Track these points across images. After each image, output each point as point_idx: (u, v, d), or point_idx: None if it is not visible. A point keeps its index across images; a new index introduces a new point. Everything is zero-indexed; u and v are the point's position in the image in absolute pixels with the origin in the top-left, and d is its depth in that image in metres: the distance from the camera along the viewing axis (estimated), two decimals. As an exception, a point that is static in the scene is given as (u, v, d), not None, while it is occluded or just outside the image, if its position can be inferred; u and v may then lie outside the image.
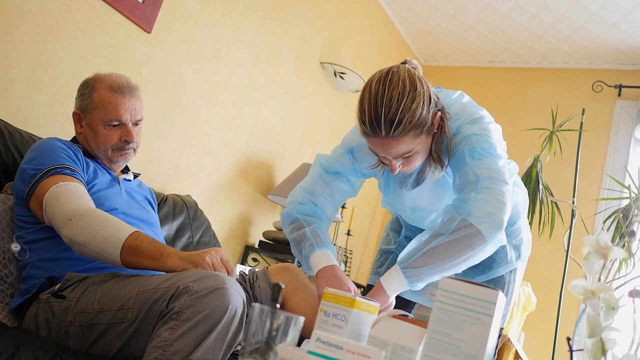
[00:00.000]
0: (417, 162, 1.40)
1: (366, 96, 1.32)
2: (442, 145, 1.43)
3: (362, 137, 1.40)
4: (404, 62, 1.39)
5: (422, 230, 1.74)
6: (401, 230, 1.82)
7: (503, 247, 1.62)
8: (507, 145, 1.50)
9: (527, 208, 1.73)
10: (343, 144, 1.61)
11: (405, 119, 1.28)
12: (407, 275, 1.34)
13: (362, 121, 1.32)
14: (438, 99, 1.39)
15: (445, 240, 1.32)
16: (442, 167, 1.43)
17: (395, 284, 1.37)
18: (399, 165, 1.38)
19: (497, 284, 1.60)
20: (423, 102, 1.30)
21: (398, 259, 1.41)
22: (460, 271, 1.36)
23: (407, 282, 1.35)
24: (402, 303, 1.70)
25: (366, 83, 1.35)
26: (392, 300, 1.41)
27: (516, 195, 1.62)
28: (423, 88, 1.32)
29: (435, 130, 1.39)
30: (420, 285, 1.36)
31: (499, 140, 1.45)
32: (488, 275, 1.63)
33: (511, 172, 1.51)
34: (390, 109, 1.27)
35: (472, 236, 1.30)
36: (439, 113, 1.37)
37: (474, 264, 1.35)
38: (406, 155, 1.36)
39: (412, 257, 1.35)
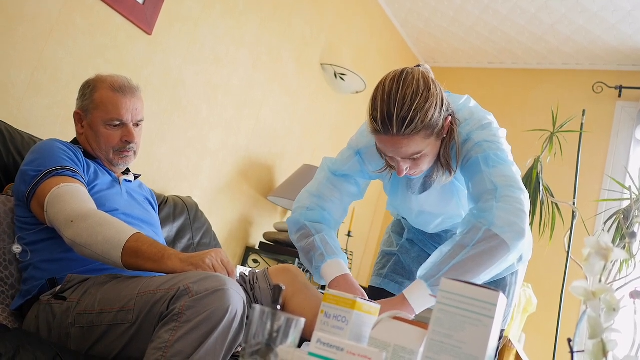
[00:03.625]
0: (425, 165, 1.40)
1: (379, 93, 1.31)
2: (451, 151, 1.42)
3: (370, 137, 1.39)
4: (418, 66, 1.40)
5: (425, 233, 1.74)
6: (403, 233, 1.82)
7: None
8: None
9: (528, 210, 1.73)
10: (350, 146, 1.60)
11: (417, 118, 1.27)
12: (436, 292, 1.30)
13: (373, 118, 1.31)
14: (449, 104, 1.39)
15: (471, 252, 1.28)
16: (450, 172, 1.42)
17: (422, 299, 1.32)
18: (406, 168, 1.37)
19: (499, 285, 1.60)
20: (436, 104, 1.30)
21: (420, 274, 1.36)
22: (482, 282, 1.33)
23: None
24: None
25: (379, 82, 1.34)
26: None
27: None
28: (437, 90, 1.32)
29: (445, 135, 1.39)
30: None
31: (507, 146, 1.45)
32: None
33: None
34: (404, 106, 1.27)
35: (497, 247, 1.28)
36: (450, 117, 1.38)
37: (497, 272, 1.33)
38: (414, 157, 1.35)
39: (438, 272, 1.31)
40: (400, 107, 1.27)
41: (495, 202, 1.30)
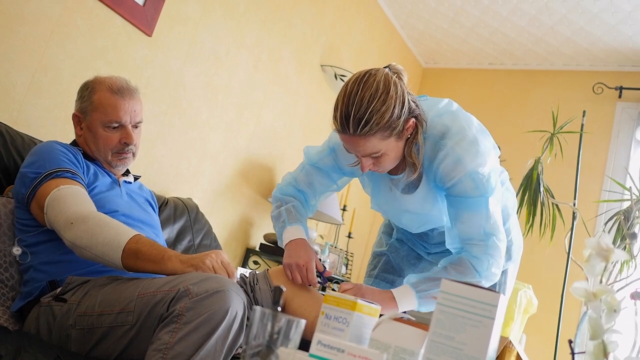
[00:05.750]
0: (387, 163, 1.44)
1: (342, 94, 1.37)
2: (417, 152, 1.45)
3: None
4: (387, 67, 1.42)
5: (412, 233, 1.75)
6: (392, 233, 1.86)
7: None
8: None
9: (516, 209, 1.77)
10: (329, 140, 1.65)
11: (372, 120, 1.32)
12: (421, 297, 1.47)
13: (334, 117, 1.38)
14: (417, 106, 1.41)
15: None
16: (415, 170, 1.47)
17: (408, 301, 1.46)
18: (369, 165, 1.42)
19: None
20: (394, 106, 1.34)
21: (410, 281, 1.49)
22: None
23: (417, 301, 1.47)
24: None
25: (345, 82, 1.39)
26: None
27: (506, 199, 1.67)
28: (397, 93, 1.35)
29: (409, 136, 1.43)
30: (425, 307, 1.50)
31: (495, 166, 1.49)
32: None
33: (503, 180, 1.62)
34: (360, 108, 1.32)
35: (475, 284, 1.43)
36: (413, 120, 1.39)
37: None
38: (374, 155, 1.40)
39: (425, 287, 1.47)
40: (357, 108, 1.32)
41: (487, 255, 1.43)
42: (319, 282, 1.55)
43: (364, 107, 1.32)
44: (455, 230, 1.49)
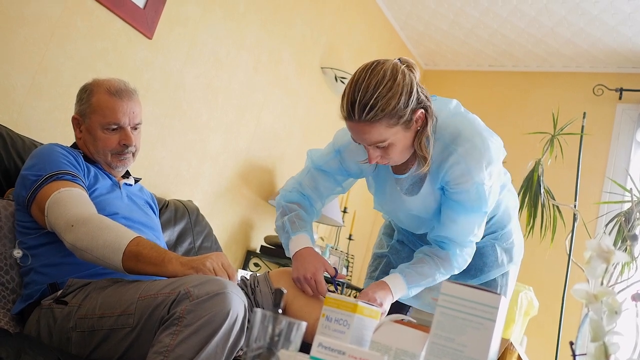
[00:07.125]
0: (395, 155, 1.43)
1: (349, 82, 1.38)
2: (427, 146, 1.45)
3: (348, 133, 1.46)
4: (398, 59, 1.42)
5: (414, 234, 1.75)
6: (393, 234, 1.85)
7: (494, 250, 1.65)
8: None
9: (517, 211, 1.76)
10: (334, 142, 1.65)
11: (377, 106, 1.32)
12: (411, 287, 1.55)
13: (341, 104, 1.39)
14: (427, 99, 1.41)
15: (438, 279, 1.56)
16: (425, 163, 1.46)
17: (399, 288, 1.52)
18: (377, 156, 1.42)
19: (489, 287, 1.62)
20: (400, 94, 1.34)
21: (400, 269, 1.54)
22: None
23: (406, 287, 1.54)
24: (397, 306, 1.72)
25: (354, 72, 1.40)
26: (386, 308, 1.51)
27: (507, 200, 1.67)
28: (404, 81, 1.35)
29: (419, 128, 1.41)
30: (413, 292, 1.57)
31: (499, 177, 1.53)
32: (480, 279, 1.65)
33: (505, 183, 1.63)
34: (366, 94, 1.33)
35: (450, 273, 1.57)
36: (421, 111, 1.39)
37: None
38: (381, 145, 1.38)
39: (415, 278, 1.55)
40: (363, 94, 1.33)
41: (467, 255, 1.53)
42: (332, 289, 1.56)
43: (369, 93, 1.32)
44: (445, 226, 1.51)
